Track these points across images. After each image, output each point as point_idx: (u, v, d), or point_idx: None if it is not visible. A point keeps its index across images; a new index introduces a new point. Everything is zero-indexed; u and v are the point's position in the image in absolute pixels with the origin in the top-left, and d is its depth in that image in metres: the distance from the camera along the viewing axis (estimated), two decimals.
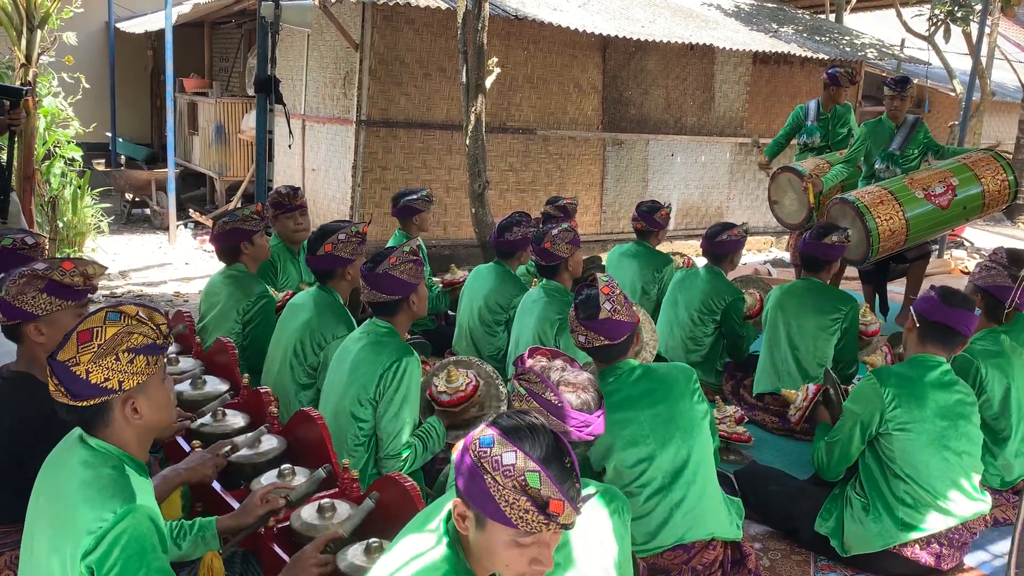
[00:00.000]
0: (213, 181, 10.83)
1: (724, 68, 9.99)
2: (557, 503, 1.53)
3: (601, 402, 2.21)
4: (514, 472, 1.53)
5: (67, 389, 1.81)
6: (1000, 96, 15.17)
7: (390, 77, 7.93)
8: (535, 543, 1.58)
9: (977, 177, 5.59)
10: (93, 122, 8.89)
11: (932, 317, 3.16)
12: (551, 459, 1.58)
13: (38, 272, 2.35)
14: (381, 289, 2.99)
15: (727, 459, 4.01)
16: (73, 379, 1.80)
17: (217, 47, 12.21)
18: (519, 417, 1.64)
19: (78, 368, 1.80)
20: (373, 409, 2.96)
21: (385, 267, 2.98)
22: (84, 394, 1.81)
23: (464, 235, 8.38)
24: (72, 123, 7.64)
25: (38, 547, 1.85)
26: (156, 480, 2.37)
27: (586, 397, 2.17)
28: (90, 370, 1.80)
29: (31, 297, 2.34)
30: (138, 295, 7.02)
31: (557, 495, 1.53)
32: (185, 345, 3.75)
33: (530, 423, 1.63)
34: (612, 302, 2.78)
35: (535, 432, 1.61)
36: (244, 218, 3.92)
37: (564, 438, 1.65)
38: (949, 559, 3.14)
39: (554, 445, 1.60)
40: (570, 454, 1.61)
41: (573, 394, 2.16)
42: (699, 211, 10.24)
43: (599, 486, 2.23)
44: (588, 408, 2.16)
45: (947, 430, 3.10)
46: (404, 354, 2.95)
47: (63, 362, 1.81)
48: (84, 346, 1.81)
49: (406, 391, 2.93)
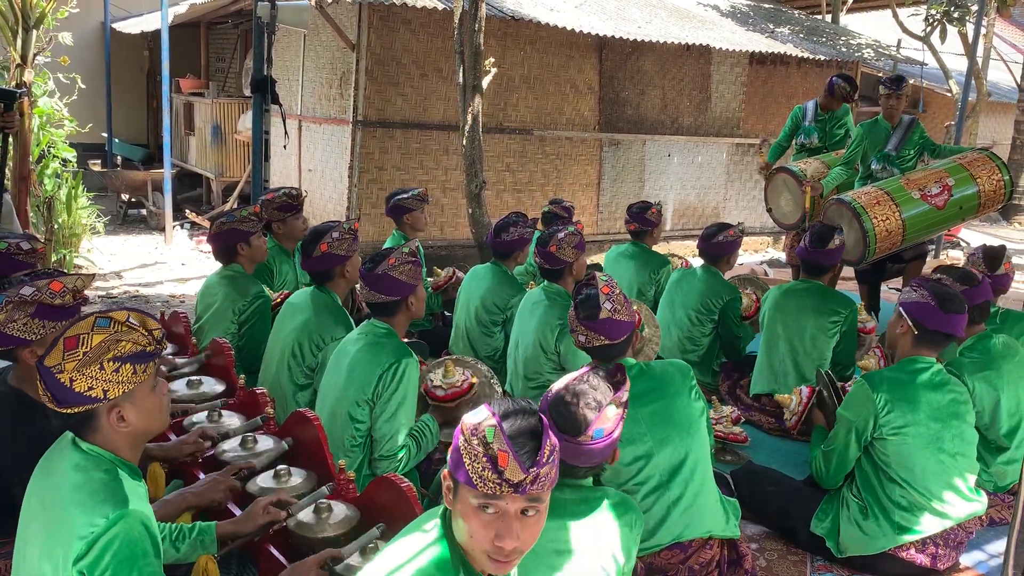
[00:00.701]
0: (209, 182, 10.82)
1: (720, 69, 10.00)
2: (503, 455, 1.54)
3: (588, 429, 2.13)
4: (478, 429, 1.57)
5: (52, 395, 1.80)
6: (996, 96, 15.21)
7: (386, 77, 7.93)
8: (497, 516, 1.57)
9: (973, 177, 5.61)
10: (89, 123, 8.86)
11: (932, 325, 3.12)
12: (511, 417, 1.61)
13: (26, 298, 2.26)
14: (380, 290, 3.00)
15: (723, 459, 4.01)
16: (58, 386, 1.79)
17: (213, 47, 12.20)
18: (515, 401, 1.68)
19: (62, 376, 1.79)
20: (370, 410, 2.95)
21: (384, 268, 2.98)
22: (68, 401, 1.80)
23: (461, 236, 8.38)
24: (67, 123, 7.61)
25: (30, 552, 1.84)
26: (158, 505, 2.32)
27: (574, 419, 2.13)
28: (74, 379, 1.79)
29: (22, 324, 2.25)
30: (134, 296, 7.01)
31: (504, 448, 1.54)
32: (181, 345, 3.75)
33: (521, 404, 1.66)
34: (612, 302, 2.79)
35: (516, 405, 1.65)
36: (242, 219, 3.92)
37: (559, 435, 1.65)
38: (945, 559, 3.14)
39: (525, 414, 1.62)
40: (544, 431, 1.62)
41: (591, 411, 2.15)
42: (696, 211, 10.24)
43: (616, 495, 2.24)
44: (570, 430, 2.13)
45: (941, 432, 3.09)
46: (403, 356, 2.94)
47: (49, 368, 1.79)
48: (69, 353, 1.79)
49: (404, 393, 2.93)
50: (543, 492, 1.59)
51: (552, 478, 1.61)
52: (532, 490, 1.56)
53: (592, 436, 2.09)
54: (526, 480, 1.55)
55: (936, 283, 3.22)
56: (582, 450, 2.11)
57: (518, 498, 1.57)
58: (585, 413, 2.08)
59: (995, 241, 6.97)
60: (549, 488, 1.61)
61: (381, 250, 3.11)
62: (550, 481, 1.60)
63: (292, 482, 2.53)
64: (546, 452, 1.59)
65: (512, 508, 1.57)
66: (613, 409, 2.12)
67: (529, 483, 1.55)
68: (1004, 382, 3.59)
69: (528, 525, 1.60)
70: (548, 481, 1.60)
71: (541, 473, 1.57)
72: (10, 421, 2.28)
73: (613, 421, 2.13)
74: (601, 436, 2.10)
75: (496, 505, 1.57)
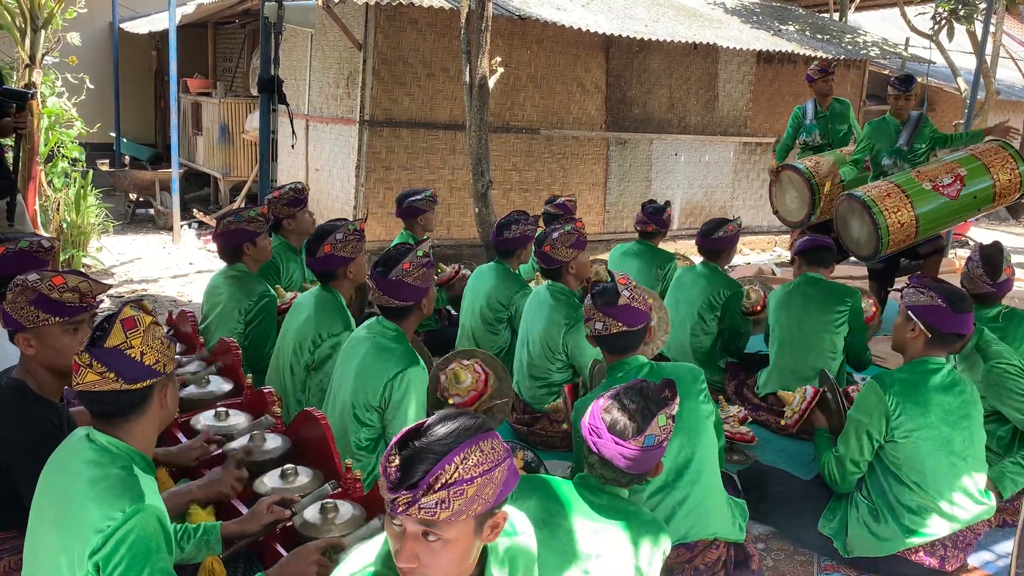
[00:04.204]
0: (217, 181, 10.84)
1: (728, 67, 9.97)
2: (391, 462, 1.44)
3: (640, 435, 2.18)
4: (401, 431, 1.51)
5: (120, 374, 1.84)
6: (1005, 95, 15.11)
7: (393, 77, 7.93)
8: (399, 529, 1.47)
9: (987, 167, 5.46)
10: (97, 122, 8.90)
11: (947, 328, 3.09)
12: (431, 429, 1.47)
13: (29, 284, 2.29)
14: (392, 295, 2.96)
15: (731, 459, 4.00)
16: (127, 363, 1.85)
17: (221, 47, 12.22)
18: (452, 415, 1.54)
19: (132, 351, 1.85)
20: (379, 415, 2.96)
21: (398, 274, 2.93)
22: (140, 376, 1.86)
23: (467, 235, 8.38)
24: (76, 123, 7.64)
25: (44, 548, 1.85)
26: (163, 497, 2.35)
27: (625, 422, 2.19)
28: (144, 352, 1.86)
29: (20, 308, 2.28)
30: (142, 295, 7.03)
31: (393, 453, 1.44)
32: (189, 345, 3.76)
33: (462, 421, 1.51)
34: (630, 291, 2.86)
35: (449, 420, 1.51)
36: (249, 219, 3.92)
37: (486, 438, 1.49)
38: (953, 560, 3.12)
39: (450, 432, 1.46)
40: (449, 454, 1.43)
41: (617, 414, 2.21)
42: (703, 211, 10.21)
43: (649, 515, 2.30)
44: (621, 433, 2.19)
45: (952, 434, 3.07)
46: (409, 364, 2.93)
47: (114, 348, 1.85)
48: (131, 332, 1.87)
49: (412, 400, 2.93)
50: (435, 519, 1.42)
51: (456, 510, 1.42)
52: (413, 513, 1.41)
53: (644, 443, 2.17)
54: (398, 500, 1.42)
55: (940, 282, 3.20)
56: (630, 454, 2.17)
57: (409, 519, 1.44)
58: (637, 419, 2.18)
59: (1005, 240, 6.92)
60: (452, 520, 1.43)
61: (392, 251, 3.06)
62: (451, 512, 1.42)
63: (299, 481, 2.54)
64: (441, 476, 1.40)
65: (409, 527, 1.46)
66: (664, 419, 2.22)
67: (403, 504, 1.41)
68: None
69: (433, 551, 1.46)
70: (444, 510, 1.41)
71: (424, 498, 1.40)
72: (13, 413, 2.30)
73: (663, 430, 2.21)
74: (652, 443, 2.18)
75: (398, 519, 1.46)
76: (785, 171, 6.46)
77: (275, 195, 4.58)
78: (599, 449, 2.20)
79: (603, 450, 2.19)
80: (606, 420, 2.20)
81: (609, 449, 2.18)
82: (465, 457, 1.44)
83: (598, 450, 2.20)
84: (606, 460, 2.20)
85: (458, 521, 1.44)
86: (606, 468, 2.23)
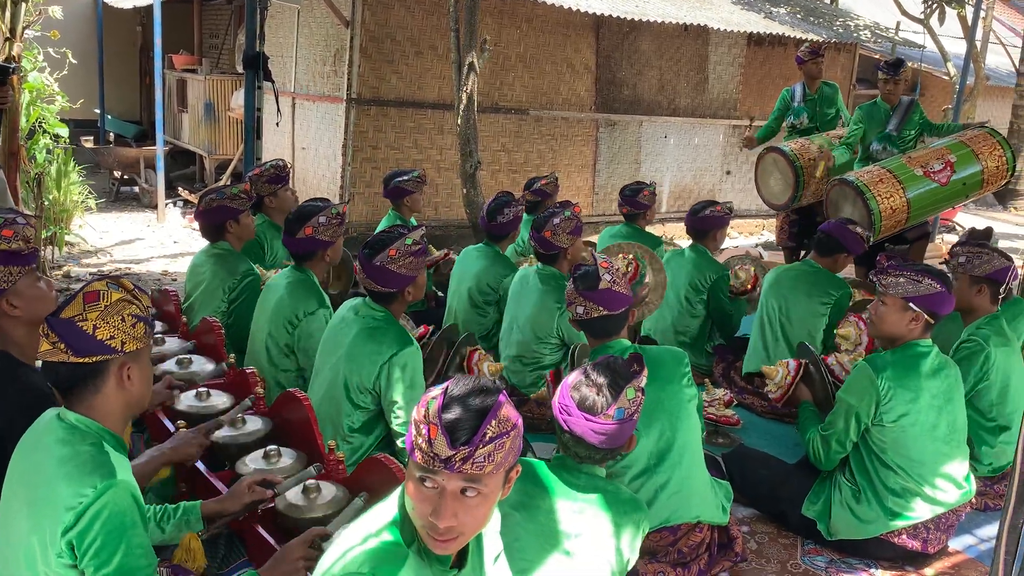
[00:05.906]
0: (202, 159, 10.73)
1: (718, 49, 9.92)
2: (434, 428, 1.51)
3: (610, 408, 2.19)
4: (426, 400, 1.56)
5: (69, 345, 1.82)
6: (994, 80, 15.13)
7: (381, 55, 7.85)
8: (436, 491, 1.53)
9: (975, 154, 5.56)
10: (81, 98, 8.77)
11: (946, 310, 3.14)
12: (459, 393, 1.55)
13: None
14: (377, 280, 2.92)
15: (715, 442, 4.01)
16: (78, 334, 1.82)
17: (207, 23, 12.06)
18: (474, 379, 1.62)
19: (85, 324, 1.83)
20: (373, 397, 2.93)
21: (383, 259, 2.87)
22: (89, 350, 1.83)
23: (455, 215, 8.33)
24: (58, 99, 7.52)
25: (16, 530, 1.82)
26: (140, 459, 2.35)
27: (594, 398, 2.19)
28: (97, 326, 1.83)
29: None
30: (125, 273, 6.96)
31: (435, 421, 1.51)
32: (171, 324, 3.71)
33: (481, 383, 1.60)
34: (611, 275, 2.84)
35: (472, 383, 1.59)
36: (232, 196, 3.86)
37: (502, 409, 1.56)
38: (935, 542, 3.15)
39: (479, 393, 1.56)
40: (492, 411, 1.53)
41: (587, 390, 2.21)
42: (692, 193, 10.20)
43: (627, 493, 2.31)
44: (591, 408, 2.18)
45: (937, 419, 3.09)
46: (403, 345, 2.90)
47: (68, 319, 1.83)
48: (91, 305, 1.85)
49: (409, 379, 2.90)
50: (482, 474, 1.52)
51: (498, 462, 1.53)
52: (465, 468, 1.51)
53: (614, 416, 2.18)
54: (455, 457, 1.49)
55: (927, 267, 3.21)
56: (602, 429, 2.17)
57: (454, 476, 1.52)
58: (606, 393, 2.18)
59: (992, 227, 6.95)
60: (495, 472, 1.54)
61: (382, 234, 3.00)
62: (494, 465, 1.53)
63: (282, 463, 2.52)
64: (487, 432, 1.52)
65: (450, 486, 1.53)
66: (632, 391, 2.22)
67: (460, 460, 1.50)
68: (1014, 361, 3.64)
69: (469, 507, 1.55)
70: (490, 464, 1.52)
71: (477, 453, 1.50)
72: (3, 382, 2.27)
73: (632, 403, 2.22)
74: (623, 416, 2.19)
75: (434, 480, 1.53)
76: (770, 153, 6.43)
77: (256, 172, 4.53)
78: (570, 427, 2.20)
79: (574, 427, 2.19)
80: (575, 397, 2.20)
81: (580, 426, 2.18)
82: (497, 413, 1.55)
83: (569, 428, 2.21)
84: (578, 437, 2.20)
85: (498, 473, 1.56)
86: (579, 445, 2.23)
